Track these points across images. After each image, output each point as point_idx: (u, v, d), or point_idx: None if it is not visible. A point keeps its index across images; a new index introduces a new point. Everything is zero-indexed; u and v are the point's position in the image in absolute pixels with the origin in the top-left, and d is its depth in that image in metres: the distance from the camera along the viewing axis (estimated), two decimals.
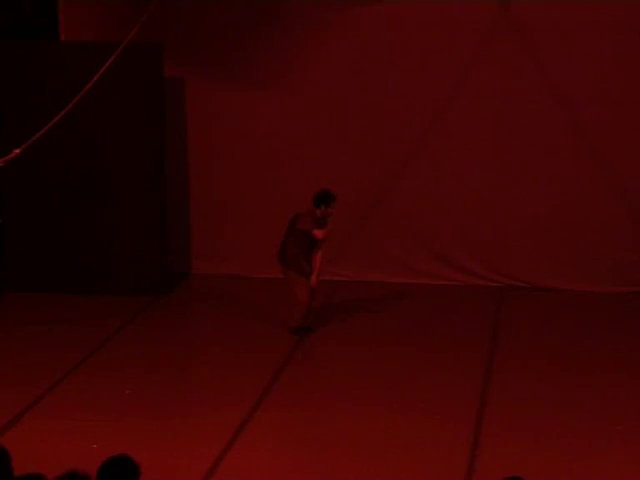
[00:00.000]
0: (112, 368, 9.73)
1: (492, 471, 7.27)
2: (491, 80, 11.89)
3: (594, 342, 10.52)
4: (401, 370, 9.73)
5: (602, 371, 9.71)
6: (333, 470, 7.61)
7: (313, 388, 9.53)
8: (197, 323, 11.88)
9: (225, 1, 12.18)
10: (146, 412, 8.68)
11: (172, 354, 10.31)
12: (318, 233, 10.54)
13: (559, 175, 12.03)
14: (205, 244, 12.73)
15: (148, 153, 11.75)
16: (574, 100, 11.82)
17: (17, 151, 9.92)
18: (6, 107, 11.76)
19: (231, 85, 12.29)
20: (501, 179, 12.12)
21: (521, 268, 12.24)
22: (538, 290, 12.17)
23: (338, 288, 12.05)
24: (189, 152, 12.60)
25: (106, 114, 11.64)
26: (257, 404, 8.83)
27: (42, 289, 11.91)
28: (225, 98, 12.32)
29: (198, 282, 12.65)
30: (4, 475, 5.01)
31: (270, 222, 12.24)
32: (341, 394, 9.26)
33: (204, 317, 11.73)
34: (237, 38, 12.16)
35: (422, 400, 8.94)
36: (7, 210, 12.04)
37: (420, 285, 12.29)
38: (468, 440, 8.06)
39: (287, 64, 12.17)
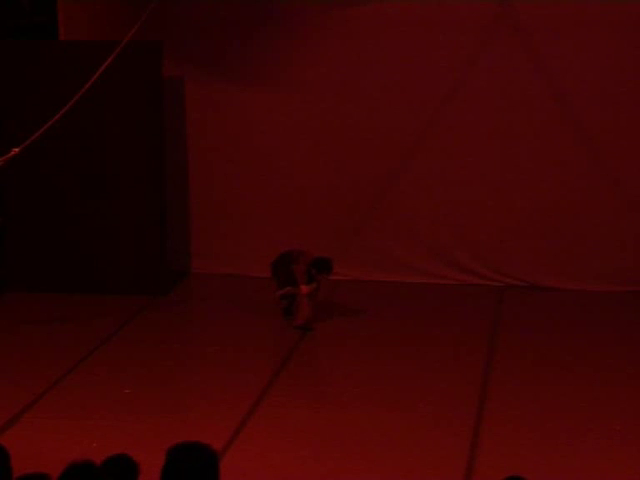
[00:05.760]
0: (112, 368, 9.73)
1: (492, 471, 7.26)
2: (491, 80, 11.88)
3: (594, 342, 10.50)
4: (401, 370, 9.72)
5: (602, 371, 9.70)
6: (332, 469, 7.60)
7: (313, 388, 9.53)
8: (197, 323, 11.87)
9: (225, 1, 12.19)
10: (146, 412, 8.68)
11: (172, 354, 10.30)
12: (304, 288, 10.62)
13: (559, 174, 12.03)
14: (205, 244, 12.72)
15: (148, 153, 11.74)
16: (574, 100, 11.81)
17: (16, 150, 9.92)
18: (6, 107, 11.76)
19: (231, 85, 12.29)
20: (501, 179, 12.12)
21: (521, 267, 12.24)
22: (538, 289, 12.17)
23: (338, 288, 12.05)
24: (189, 152, 12.60)
25: (106, 114, 11.64)
26: (257, 403, 8.82)
27: (42, 289, 11.91)
28: (225, 98, 12.32)
29: (198, 281, 12.65)
30: (4, 475, 5.01)
31: (270, 222, 12.27)
32: (341, 394, 9.25)
33: (204, 317, 11.73)
34: (237, 38, 12.16)
35: (422, 400, 8.94)
36: (7, 210, 12.04)
37: (420, 285, 12.29)
38: (468, 440, 8.06)
39: (287, 64, 12.17)
